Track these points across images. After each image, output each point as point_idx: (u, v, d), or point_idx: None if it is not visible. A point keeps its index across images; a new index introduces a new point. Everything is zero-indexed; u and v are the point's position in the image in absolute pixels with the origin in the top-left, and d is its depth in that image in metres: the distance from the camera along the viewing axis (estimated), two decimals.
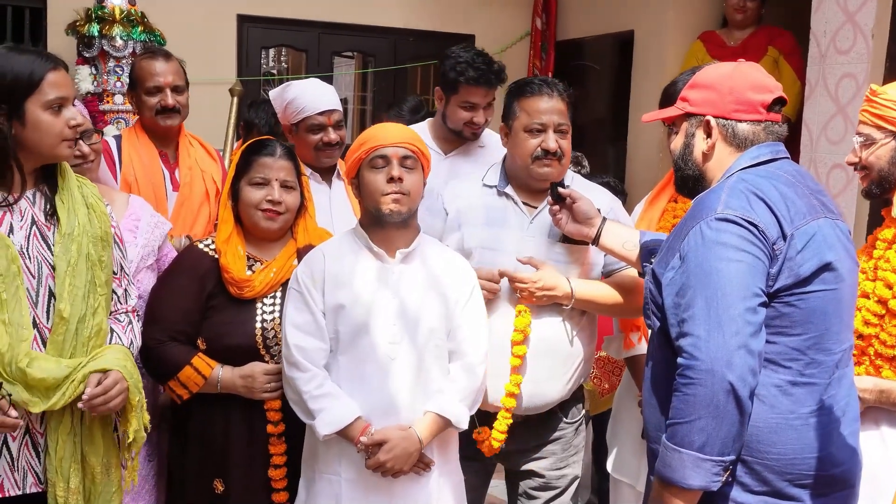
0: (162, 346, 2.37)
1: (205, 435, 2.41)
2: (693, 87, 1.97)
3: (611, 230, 2.37)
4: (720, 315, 1.70)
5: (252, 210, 2.41)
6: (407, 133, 2.35)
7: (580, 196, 2.39)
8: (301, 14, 5.76)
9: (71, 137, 2.04)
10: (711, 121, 1.92)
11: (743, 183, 1.83)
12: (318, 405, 2.23)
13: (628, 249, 2.35)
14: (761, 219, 1.76)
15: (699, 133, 1.94)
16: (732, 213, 1.76)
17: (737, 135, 1.91)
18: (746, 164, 1.88)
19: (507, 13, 6.17)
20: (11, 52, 2.01)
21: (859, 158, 2.26)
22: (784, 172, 1.87)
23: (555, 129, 2.47)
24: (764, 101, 1.91)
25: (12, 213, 2.03)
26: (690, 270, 1.77)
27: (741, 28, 4.66)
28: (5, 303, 1.94)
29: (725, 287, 1.72)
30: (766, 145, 1.91)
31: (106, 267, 2.13)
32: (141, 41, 4.58)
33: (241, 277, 2.38)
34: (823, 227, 1.82)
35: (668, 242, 1.94)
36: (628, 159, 5.34)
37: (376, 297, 2.28)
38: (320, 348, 2.28)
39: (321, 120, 2.93)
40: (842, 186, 3.56)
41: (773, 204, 1.79)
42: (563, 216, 2.40)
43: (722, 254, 1.74)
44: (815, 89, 3.68)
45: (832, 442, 1.81)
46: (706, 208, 1.81)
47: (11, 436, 2.01)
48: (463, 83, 3.09)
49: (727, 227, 1.75)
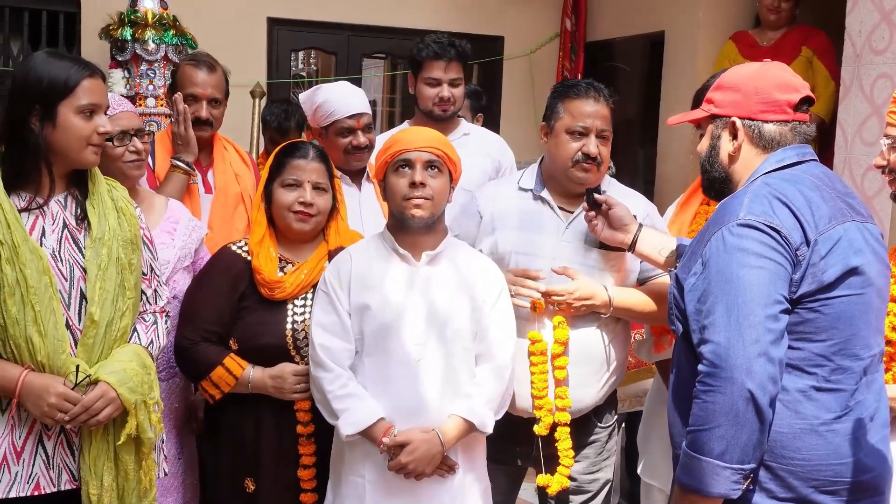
0: (195, 347, 2.40)
1: (236, 435, 2.43)
2: (718, 89, 1.95)
3: (647, 237, 2.35)
4: (740, 322, 1.69)
5: (284, 212, 2.42)
6: (433, 137, 2.35)
7: (616, 202, 2.37)
8: (330, 17, 5.79)
9: (98, 143, 2.06)
10: (737, 122, 1.89)
11: (766, 187, 1.80)
12: (341, 405, 2.24)
13: (664, 256, 2.32)
14: (784, 224, 1.74)
15: (725, 135, 1.92)
16: (754, 218, 1.74)
17: (763, 136, 1.89)
18: (772, 168, 1.86)
19: (536, 14, 6.16)
20: (51, 58, 2.05)
21: (887, 161, 2.22)
22: (810, 175, 1.84)
23: (597, 135, 2.45)
24: (790, 101, 1.88)
25: (44, 217, 2.06)
26: (712, 277, 1.75)
27: (775, 28, 4.60)
28: (40, 315, 1.98)
29: (746, 294, 1.70)
30: (791, 148, 1.88)
31: (135, 270, 2.16)
32: (173, 44, 4.63)
33: (272, 279, 2.40)
34: (850, 231, 1.79)
35: (691, 247, 1.93)
36: (659, 161, 5.30)
37: (402, 299, 2.29)
38: (345, 349, 2.29)
39: (351, 123, 2.94)
40: (877, 188, 3.51)
41: (796, 209, 1.76)
42: (599, 222, 2.38)
43: (743, 260, 1.72)
44: (850, 90, 3.63)
45: (861, 448, 1.78)
46: (729, 213, 1.79)
47: (47, 434, 2.05)
48: (424, 58, 3.20)
49: (749, 233, 1.73)
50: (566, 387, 2.44)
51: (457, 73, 3.22)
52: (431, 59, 3.19)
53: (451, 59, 3.19)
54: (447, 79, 3.19)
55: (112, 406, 2.04)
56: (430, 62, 3.19)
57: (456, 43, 3.23)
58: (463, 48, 3.25)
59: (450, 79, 3.20)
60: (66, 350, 2.02)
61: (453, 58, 3.20)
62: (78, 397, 2.00)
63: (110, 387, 2.03)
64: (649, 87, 5.49)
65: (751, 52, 4.60)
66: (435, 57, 3.18)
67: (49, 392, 1.97)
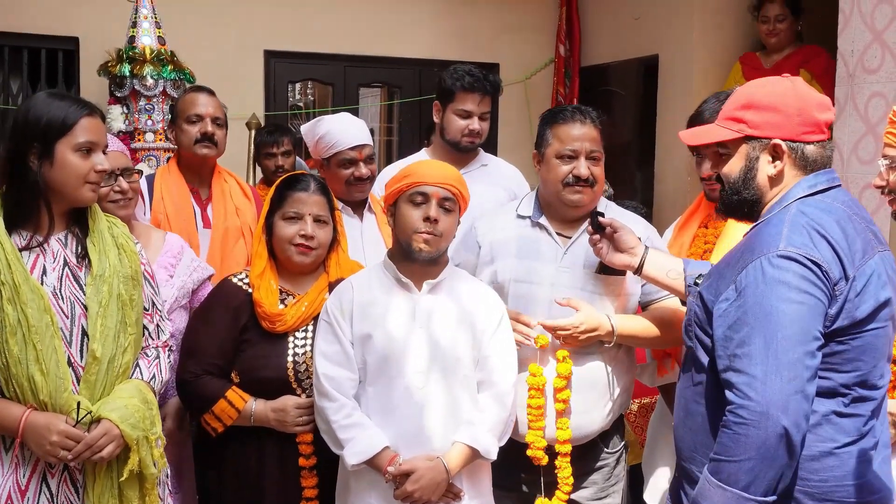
0: (197, 380, 2.40)
1: (239, 467, 2.42)
2: (750, 108, 1.88)
3: (654, 259, 2.32)
4: (779, 358, 1.67)
5: (285, 244, 2.43)
6: (451, 174, 2.35)
7: (621, 225, 2.35)
8: (326, 48, 5.83)
9: (95, 181, 2.08)
10: (782, 145, 1.85)
11: (804, 217, 1.77)
12: (346, 435, 2.24)
13: (672, 279, 2.29)
14: (824, 258, 1.72)
15: (764, 157, 1.87)
16: (795, 250, 1.72)
17: (806, 157, 1.85)
18: (804, 193, 1.83)
19: (530, 41, 6.21)
20: (51, 98, 2.07)
21: (886, 181, 2.22)
22: (841, 204, 1.83)
23: (587, 156, 2.46)
24: (828, 121, 1.86)
25: (45, 255, 2.07)
26: (748, 307, 1.73)
27: (777, 50, 4.61)
28: (41, 353, 1.98)
29: (786, 329, 1.68)
30: (823, 173, 1.86)
31: (136, 306, 2.17)
32: (171, 79, 4.67)
33: (273, 311, 2.40)
34: (878, 264, 1.79)
35: (719, 269, 1.90)
36: (656, 183, 5.31)
37: (403, 328, 2.29)
38: (349, 378, 2.29)
39: (353, 155, 2.95)
40: (874, 207, 3.51)
41: (835, 242, 1.74)
42: (604, 246, 2.36)
43: (783, 294, 1.69)
44: (845, 109, 3.65)
45: (870, 470, 1.78)
46: (766, 243, 1.76)
47: (50, 473, 2.05)
48: (459, 89, 3.18)
49: (789, 266, 1.71)
50: (567, 418, 2.43)
51: (487, 106, 3.23)
52: (466, 91, 3.18)
53: (485, 93, 3.20)
54: (479, 112, 3.20)
55: (115, 443, 2.04)
56: (463, 94, 3.18)
57: (490, 77, 3.24)
58: (496, 82, 3.26)
59: (481, 112, 3.20)
60: (68, 388, 2.02)
61: (487, 92, 3.20)
62: (80, 435, 1.99)
63: (113, 424, 2.03)
64: (645, 109, 5.52)
65: (753, 73, 4.61)
66: (470, 89, 3.18)
67: (51, 430, 1.97)
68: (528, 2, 6.19)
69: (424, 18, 6.00)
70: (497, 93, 3.28)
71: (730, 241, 2.45)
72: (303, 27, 5.72)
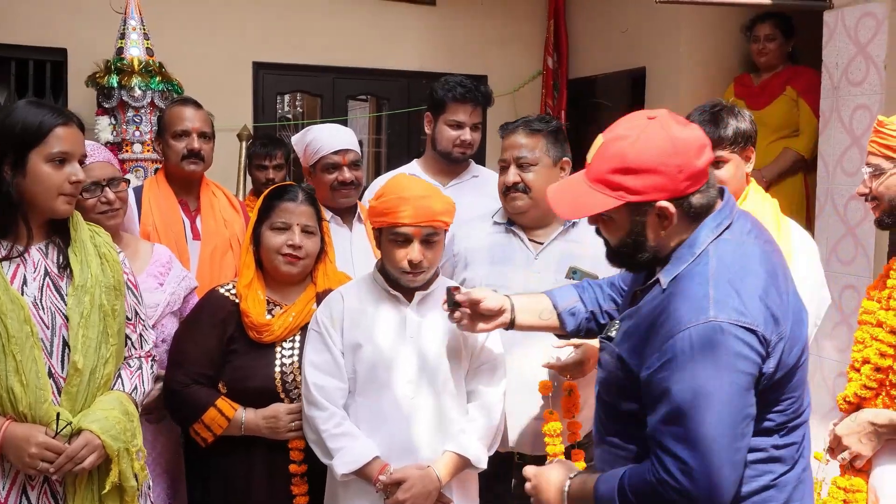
0: (186, 389, 2.39)
1: (227, 478, 2.42)
2: (628, 173, 1.67)
3: (522, 308, 2.21)
4: (716, 443, 1.55)
5: (273, 255, 2.43)
6: (431, 209, 2.26)
7: (479, 296, 2.18)
8: (315, 60, 5.84)
9: (70, 193, 2.04)
10: (669, 207, 1.67)
11: (726, 271, 1.63)
12: (336, 444, 2.24)
13: (545, 319, 2.21)
14: (757, 320, 1.59)
15: (650, 219, 1.70)
16: (726, 318, 1.57)
17: (692, 209, 1.70)
18: (714, 236, 1.69)
19: (518, 53, 6.24)
20: (29, 106, 2.04)
21: (869, 189, 2.26)
22: (748, 235, 1.72)
23: (516, 164, 2.51)
24: (708, 161, 1.71)
25: (25, 265, 2.05)
26: (677, 382, 1.58)
27: (768, 69, 4.65)
28: (21, 364, 1.96)
29: (718, 416, 1.55)
30: (721, 209, 1.72)
31: (119, 316, 2.15)
32: (159, 91, 4.65)
33: (260, 322, 2.40)
34: (792, 289, 1.71)
35: (639, 329, 1.73)
36: None
37: (393, 339, 2.30)
38: (339, 388, 2.30)
39: (336, 159, 2.97)
40: (860, 218, 3.54)
41: (763, 294, 1.62)
42: (466, 320, 2.20)
43: (714, 376, 1.56)
44: (830, 121, 3.68)
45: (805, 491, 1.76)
46: (693, 308, 1.60)
47: (30, 485, 2.03)
48: (450, 100, 3.19)
49: (722, 340, 1.56)
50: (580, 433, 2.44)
51: (479, 117, 3.25)
52: (458, 101, 3.19)
53: (476, 104, 3.21)
54: (470, 123, 3.21)
55: (96, 454, 2.02)
56: (455, 105, 3.20)
57: (481, 88, 3.25)
58: (487, 93, 3.27)
59: (472, 123, 3.22)
60: (48, 399, 2.00)
61: (479, 102, 3.22)
62: (60, 447, 1.98)
63: (94, 434, 2.02)
64: None
65: (743, 91, 4.68)
66: (462, 100, 3.19)
67: (30, 442, 1.95)
68: (517, 14, 6.22)
69: (413, 30, 6.02)
70: (488, 103, 3.29)
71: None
72: (291, 39, 5.73)
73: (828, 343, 3.67)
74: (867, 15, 3.49)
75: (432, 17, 6.05)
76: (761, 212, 2.49)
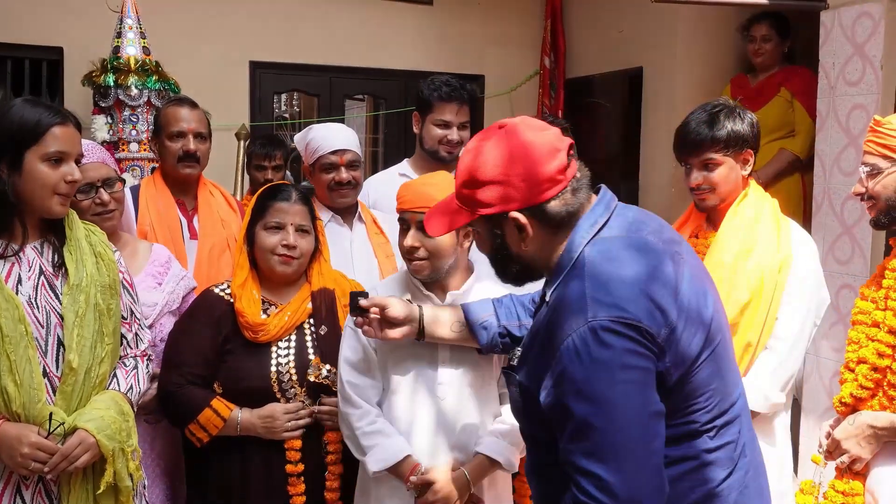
0: (181, 390, 2.38)
1: (223, 478, 2.41)
2: (476, 186, 1.63)
3: (433, 319, 2.17)
4: (626, 454, 1.47)
5: (267, 254, 2.42)
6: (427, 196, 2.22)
7: (385, 301, 2.17)
8: (312, 59, 5.84)
9: (65, 193, 2.03)
10: (520, 217, 1.61)
11: (601, 268, 1.54)
12: (369, 442, 2.25)
13: (455, 331, 2.16)
14: (640, 314, 1.49)
15: (509, 232, 1.65)
16: (606, 316, 1.48)
17: (551, 217, 1.62)
18: (589, 236, 1.61)
19: (516, 53, 6.24)
20: (26, 104, 2.03)
21: (866, 188, 2.26)
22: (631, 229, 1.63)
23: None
24: (560, 166, 1.61)
25: (20, 264, 2.04)
26: (572, 395, 1.49)
27: (764, 70, 4.66)
28: (15, 364, 1.96)
29: (621, 420, 1.47)
30: (594, 208, 1.64)
31: (114, 315, 2.14)
32: (156, 90, 4.64)
33: (256, 322, 2.39)
34: (688, 277, 1.59)
35: (532, 348, 1.66)
36: (641, 195, 5.34)
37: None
38: (373, 385, 2.31)
39: (334, 159, 2.96)
40: (857, 217, 3.54)
41: (645, 286, 1.52)
42: (374, 328, 2.18)
43: (606, 378, 1.47)
44: (826, 121, 3.69)
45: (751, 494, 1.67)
46: (573, 314, 1.52)
47: (24, 484, 2.02)
48: (436, 99, 3.20)
49: (606, 340, 1.47)
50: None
51: (466, 116, 3.24)
52: (443, 101, 3.20)
53: (462, 103, 3.21)
54: (457, 122, 3.21)
55: (90, 453, 2.02)
56: (440, 104, 3.20)
57: (467, 86, 3.26)
58: (473, 92, 3.28)
59: (459, 122, 3.22)
60: (41, 399, 1.99)
61: (465, 101, 3.22)
62: (52, 447, 1.97)
63: (89, 433, 2.01)
64: (629, 121, 5.55)
65: (739, 92, 4.68)
66: (447, 99, 3.20)
67: (22, 442, 1.94)
68: (514, 14, 6.22)
69: (410, 30, 6.02)
70: (475, 102, 3.29)
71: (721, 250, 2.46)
72: (288, 38, 5.72)
73: (825, 343, 3.67)
74: (864, 15, 3.50)
75: (429, 16, 6.05)
76: (759, 212, 2.48)
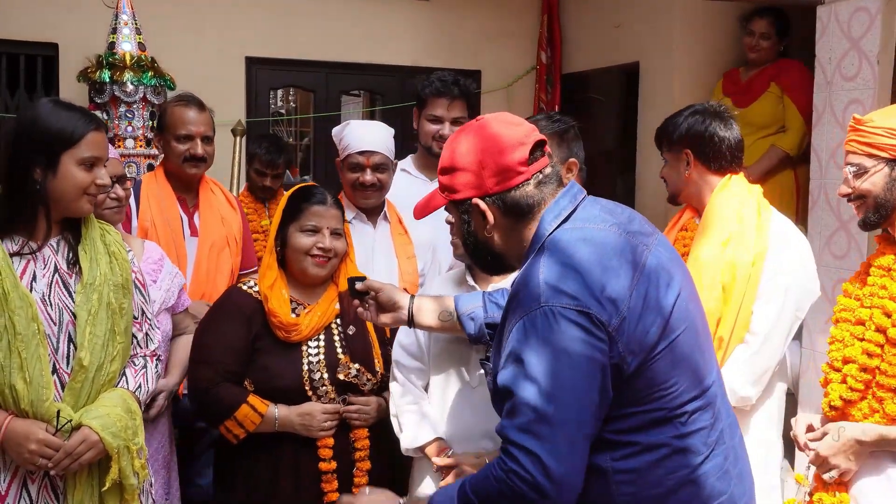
0: (217, 387, 2.40)
1: (251, 478, 2.42)
2: (448, 172, 1.77)
3: (422, 308, 2.21)
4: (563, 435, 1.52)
5: (301, 255, 2.45)
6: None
7: (380, 285, 2.24)
8: (308, 55, 5.83)
9: (94, 194, 2.10)
10: (480, 203, 1.71)
11: (558, 256, 1.60)
12: (405, 420, 2.37)
13: (444, 320, 2.19)
14: (590, 303, 1.54)
15: (474, 219, 1.76)
16: (558, 303, 1.54)
17: (511, 206, 1.71)
18: (554, 226, 1.68)
19: (512, 48, 6.24)
20: (57, 107, 2.07)
21: (852, 188, 2.23)
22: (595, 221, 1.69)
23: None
24: (522, 158, 1.70)
25: (35, 262, 2.07)
26: (515, 373, 1.56)
27: (757, 66, 4.66)
28: (26, 361, 1.97)
29: (562, 402, 1.52)
30: (558, 201, 1.72)
31: (126, 314, 2.16)
32: (151, 86, 4.64)
33: (288, 321, 2.42)
34: (650, 265, 1.63)
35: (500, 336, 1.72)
36: (637, 190, 5.35)
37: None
38: (419, 368, 2.41)
39: (360, 160, 2.95)
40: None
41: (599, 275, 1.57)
42: (371, 311, 2.23)
43: (552, 360, 1.53)
44: (823, 116, 3.69)
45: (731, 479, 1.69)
46: (527, 297, 1.59)
47: (31, 478, 2.04)
48: (428, 95, 3.23)
49: (555, 325, 1.53)
50: None
51: (460, 111, 3.24)
52: (435, 96, 3.21)
53: (454, 98, 3.22)
54: (449, 117, 3.22)
55: (94, 450, 2.04)
56: (433, 99, 3.21)
57: (460, 81, 3.26)
58: (466, 87, 3.28)
59: (452, 117, 3.22)
60: (50, 397, 2.01)
61: (457, 96, 3.22)
62: (59, 443, 1.99)
63: (93, 431, 2.03)
64: (625, 117, 5.56)
65: (731, 88, 4.69)
66: (438, 94, 3.21)
67: (29, 439, 1.97)
68: (510, 9, 6.22)
69: (406, 26, 6.01)
70: (469, 97, 3.29)
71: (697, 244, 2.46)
72: (284, 34, 5.72)
73: (821, 338, 3.68)
74: (860, 10, 3.50)
75: (426, 12, 6.05)
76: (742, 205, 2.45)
